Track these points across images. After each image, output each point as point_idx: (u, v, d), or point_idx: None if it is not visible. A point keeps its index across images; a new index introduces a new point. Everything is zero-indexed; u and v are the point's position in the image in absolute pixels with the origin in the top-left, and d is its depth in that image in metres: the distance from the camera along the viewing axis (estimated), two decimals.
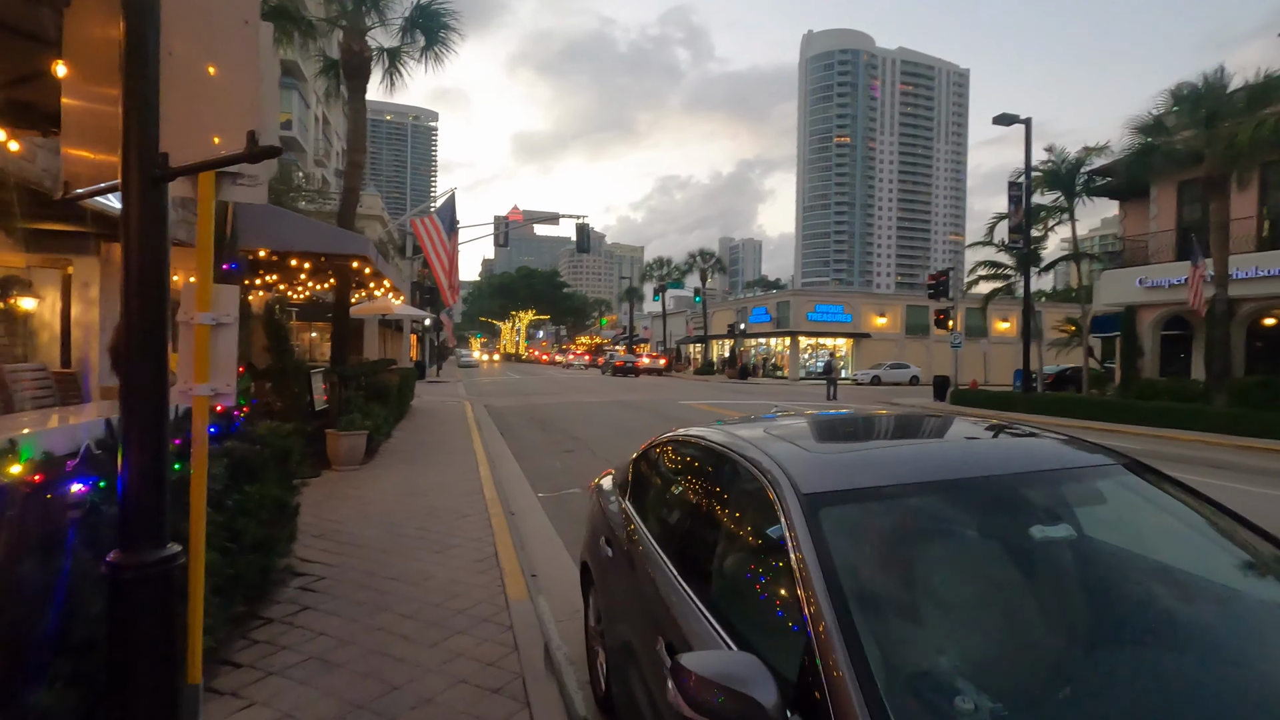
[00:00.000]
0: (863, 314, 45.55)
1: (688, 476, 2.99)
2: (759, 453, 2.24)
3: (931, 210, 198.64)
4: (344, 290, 10.88)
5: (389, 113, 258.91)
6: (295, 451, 4.86)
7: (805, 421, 3.07)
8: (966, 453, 2.41)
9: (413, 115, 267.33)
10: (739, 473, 2.31)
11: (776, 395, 28.47)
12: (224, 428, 4.24)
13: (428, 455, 10.45)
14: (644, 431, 14.25)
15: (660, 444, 3.38)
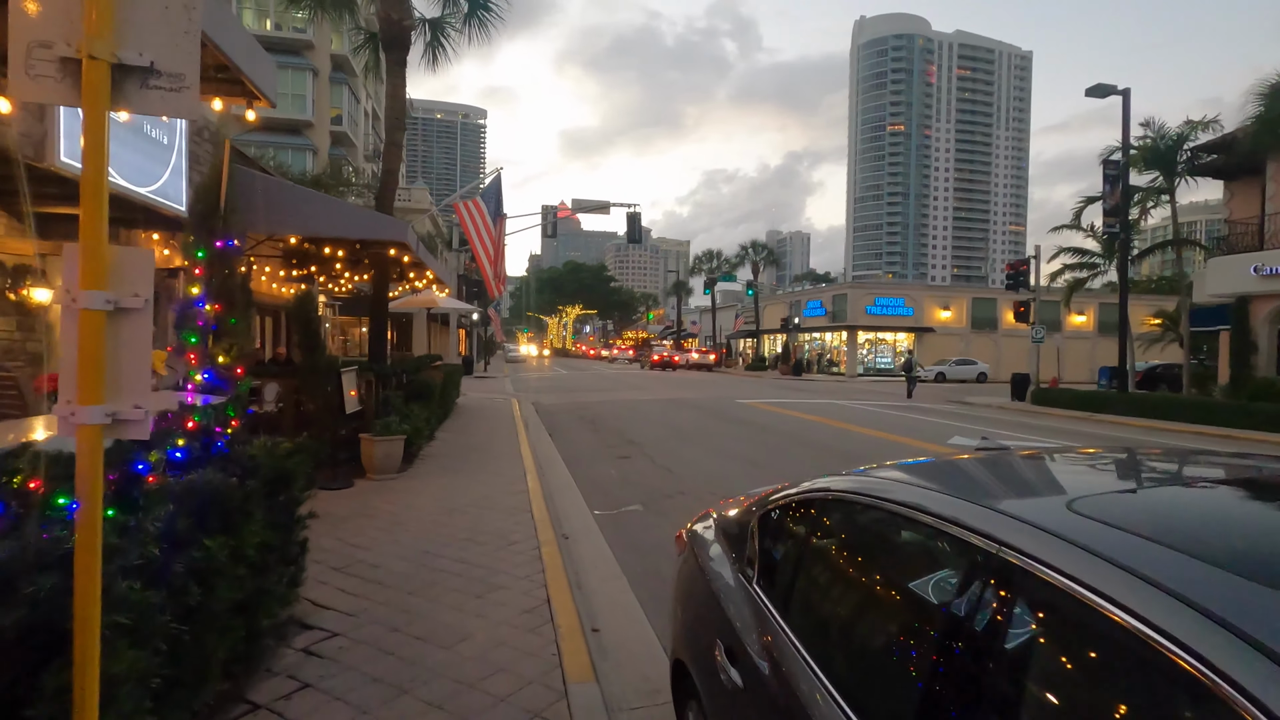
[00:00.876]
0: (925, 307, 43.26)
1: (880, 563, 1.82)
2: (1111, 569, 1.06)
3: (990, 200, 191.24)
4: (382, 281, 10.03)
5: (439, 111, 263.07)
6: (300, 475, 3.87)
7: (1065, 470, 1.86)
8: None
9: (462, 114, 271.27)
10: (1031, 584, 1.16)
11: (837, 393, 26.88)
12: (198, 450, 3.26)
13: (471, 461, 9.51)
14: (703, 434, 13.07)
15: (805, 500, 2.22)
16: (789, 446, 11.82)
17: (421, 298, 15.97)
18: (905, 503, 1.64)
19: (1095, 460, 2.18)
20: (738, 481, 8.73)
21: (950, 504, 1.50)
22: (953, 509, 1.47)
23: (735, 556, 2.40)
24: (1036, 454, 2.14)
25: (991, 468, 1.92)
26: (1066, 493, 1.63)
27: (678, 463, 10.15)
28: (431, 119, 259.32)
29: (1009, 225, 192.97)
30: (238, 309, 4.24)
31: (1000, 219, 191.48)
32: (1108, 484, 1.84)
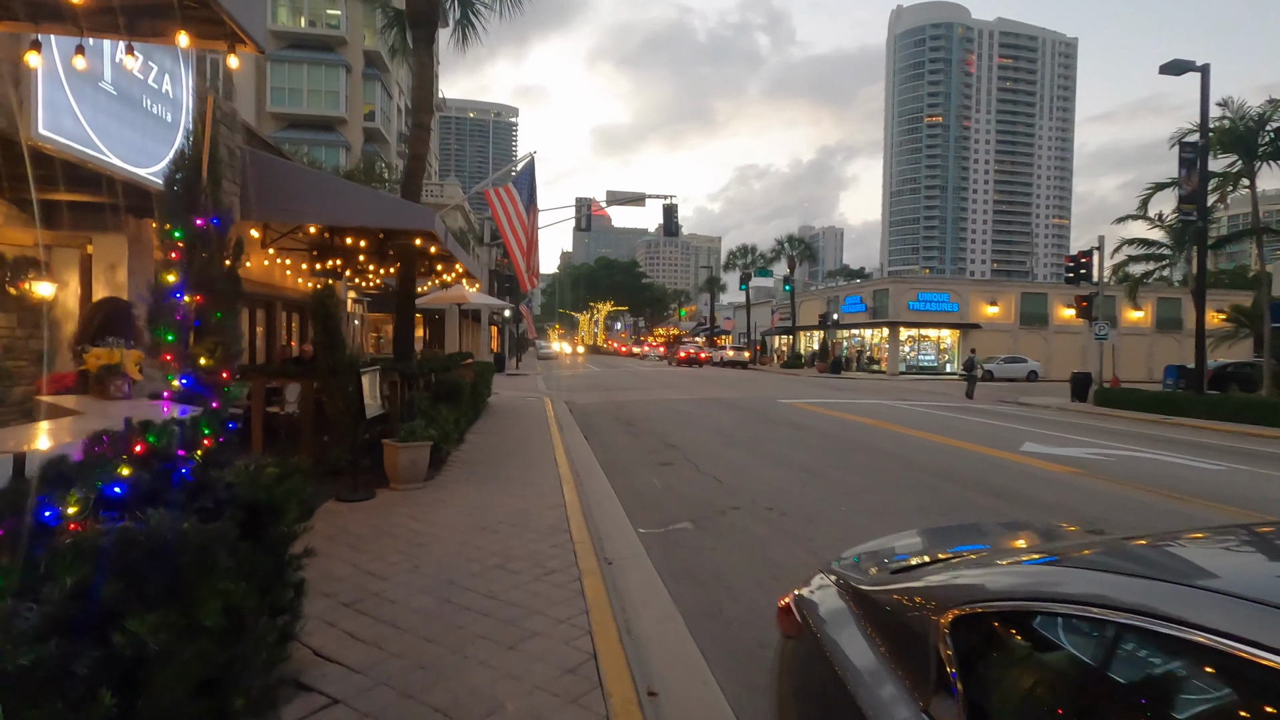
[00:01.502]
0: (971, 302, 41.55)
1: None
2: None
3: (1033, 192, 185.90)
4: (408, 275, 9.36)
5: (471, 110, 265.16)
6: (291, 506, 3.13)
7: None
8: None
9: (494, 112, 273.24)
10: None
11: (881, 392, 25.69)
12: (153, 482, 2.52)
13: (503, 468, 8.79)
14: (748, 438, 12.18)
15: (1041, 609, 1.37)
16: (846, 453, 10.88)
17: (452, 293, 15.36)
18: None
19: None
20: (796, 494, 7.86)
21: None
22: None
23: (907, 673, 1.56)
24: None
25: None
26: None
27: (725, 470, 9.30)
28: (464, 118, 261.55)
29: (1052, 219, 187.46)
30: (223, 301, 3.52)
31: (1043, 212, 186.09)
32: None
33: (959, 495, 7.99)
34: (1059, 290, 43.14)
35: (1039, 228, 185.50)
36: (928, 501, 7.68)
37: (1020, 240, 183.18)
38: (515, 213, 10.33)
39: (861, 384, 32.23)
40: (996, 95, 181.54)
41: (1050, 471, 9.56)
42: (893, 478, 8.93)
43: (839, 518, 6.94)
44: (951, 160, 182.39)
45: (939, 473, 9.28)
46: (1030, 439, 12.78)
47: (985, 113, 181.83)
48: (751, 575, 5.31)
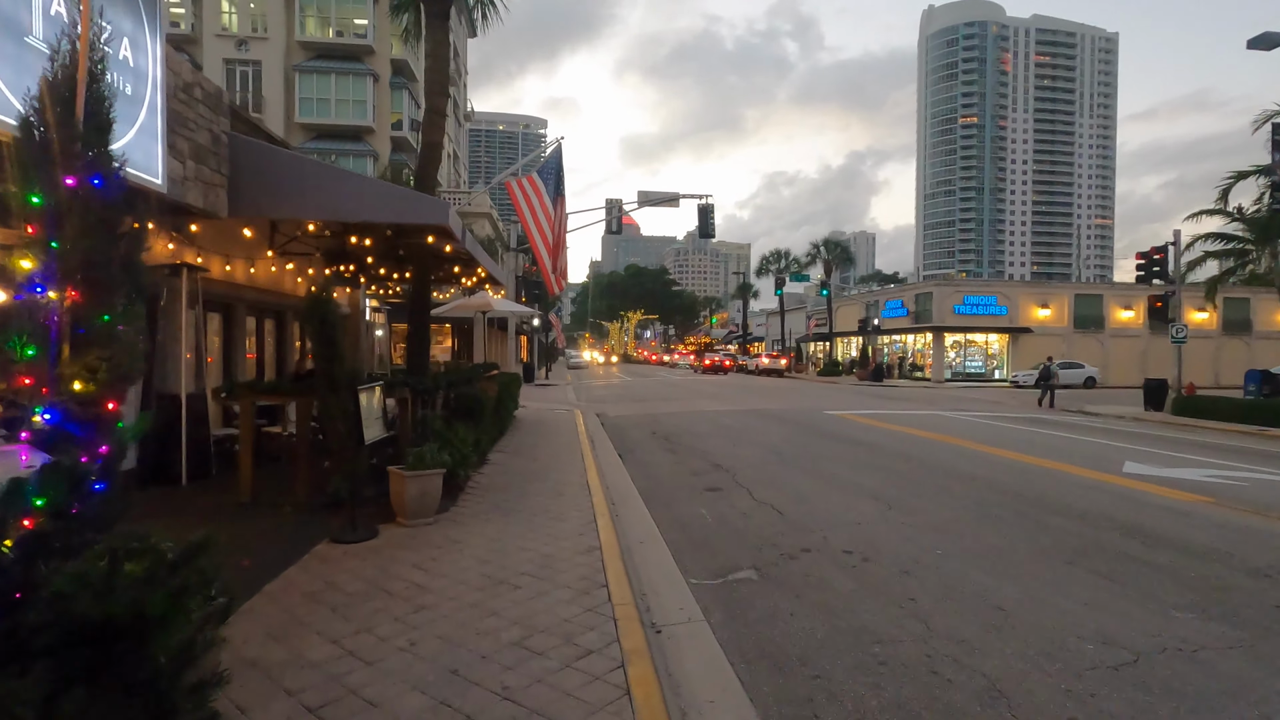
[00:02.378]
0: (1021, 305, 39.46)
1: None
2: None
3: (1074, 193, 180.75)
4: (422, 278, 8.33)
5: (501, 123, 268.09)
6: (176, 621, 1.98)
7: None
8: None
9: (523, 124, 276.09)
10: None
11: (933, 402, 24.06)
12: None
13: (528, 495, 7.65)
14: (803, 456, 10.85)
15: None
16: (921, 475, 9.52)
17: (475, 300, 14.38)
18: None
19: None
20: (876, 531, 6.56)
21: None
22: None
23: None
24: None
25: None
26: None
27: (785, 498, 8.03)
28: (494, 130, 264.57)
29: (1095, 219, 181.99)
30: (112, 297, 2.43)
31: (1085, 212, 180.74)
32: None
33: (1080, 534, 6.60)
34: (1115, 291, 40.81)
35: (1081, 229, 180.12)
36: (1044, 542, 6.32)
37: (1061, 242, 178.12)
38: (540, 205, 9.22)
39: (907, 393, 30.54)
40: (1034, 94, 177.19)
41: (1176, 500, 8.08)
42: (986, 508, 7.56)
43: (939, 565, 5.63)
44: (987, 161, 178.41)
45: (1040, 502, 7.88)
46: (1128, 457, 11.24)
47: (1022, 112, 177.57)
48: (847, 654, 4.06)
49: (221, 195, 6.68)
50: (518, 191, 9.40)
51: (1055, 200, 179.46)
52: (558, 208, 9.73)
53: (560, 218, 9.92)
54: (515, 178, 9.57)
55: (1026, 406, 22.79)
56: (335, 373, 6.45)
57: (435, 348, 33.72)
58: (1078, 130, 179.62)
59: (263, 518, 6.41)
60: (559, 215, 9.83)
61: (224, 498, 6.96)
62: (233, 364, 10.01)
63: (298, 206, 7.07)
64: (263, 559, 5.28)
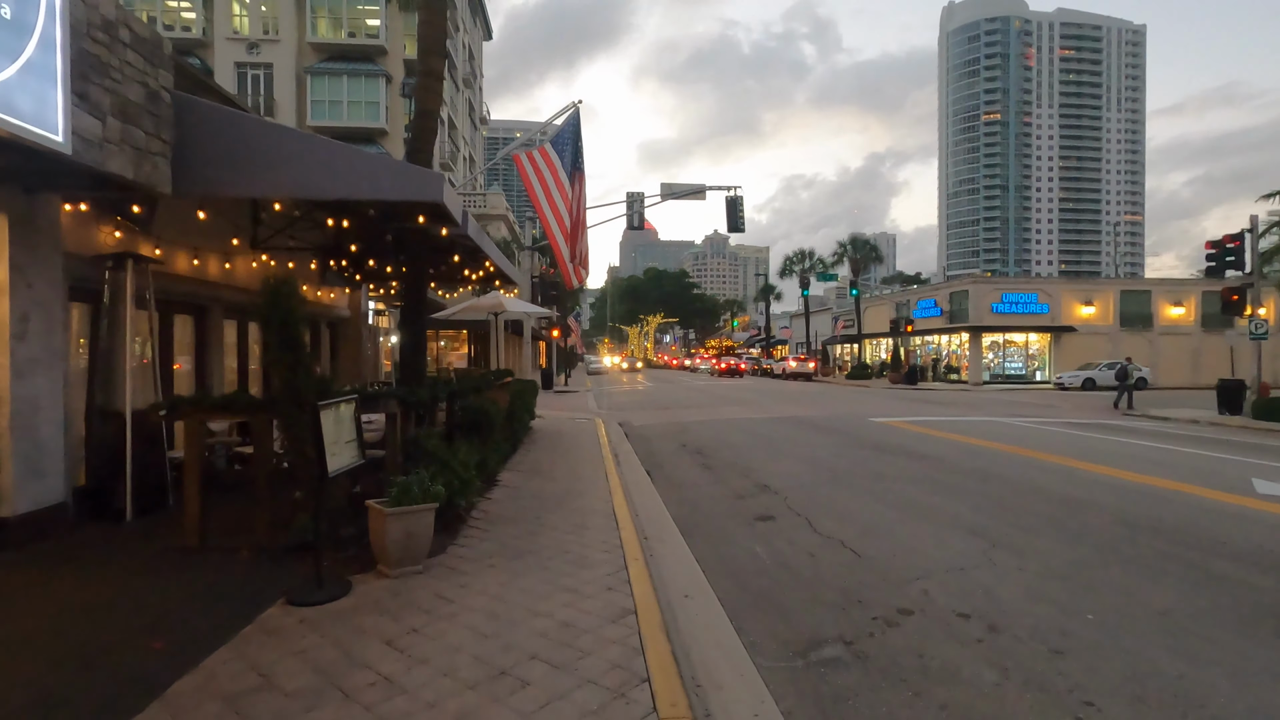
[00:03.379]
0: (1063, 303, 37.43)
1: None
2: None
3: (1102, 189, 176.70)
4: (415, 271, 7.01)
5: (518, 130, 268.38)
6: None
7: None
8: None
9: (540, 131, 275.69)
10: None
11: (980, 406, 22.36)
12: None
13: (542, 531, 6.29)
14: (861, 473, 9.28)
15: None
16: (1010, 498, 8.01)
17: (486, 301, 13.08)
18: None
19: None
20: (988, 582, 5.08)
21: None
22: None
23: None
24: None
25: None
26: None
27: (854, 530, 6.59)
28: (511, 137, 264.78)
29: (1124, 215, 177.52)
30: None
31: (1113, 209, 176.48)
32: None
33: (1258, 585, 5.08)
34: (1165, 287, 38.61)
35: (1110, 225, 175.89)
36: (1218, 597, 4.82)
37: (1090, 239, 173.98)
38: (555, 181, 7.86)
39: (946, 396, 28.78)
40: (1059, 89, 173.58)
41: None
42: (1118, 548, 6.04)
43: (1100, 640, 4.16)
44: (1012, 158, 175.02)
45: (1187, 538, 6.33)
46: (1249, 473, 9.60)
47: (1047, 107, 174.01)
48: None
49: (162, 167, 5.42)
50: (528, 166, 8.01)
51: (1083, 197, 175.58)
52: (576, 184, 8.32)
53: (579, 196, 8.50)
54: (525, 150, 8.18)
55: (1083, 410, 21.02)
56: (300, 384, 5.15)
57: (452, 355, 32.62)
58: (1105, 124, 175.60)
59: (209, 568, 5.11)
60: (577, 194, 8.41)
61: (171, 540, 5.67)
62: (209, 374, 8.79)
63: (259, 182, 5.80)
64: (187, 634, 3.97)
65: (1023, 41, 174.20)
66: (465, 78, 52.57)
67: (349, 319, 13.34)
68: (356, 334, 13.35)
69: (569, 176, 8.11)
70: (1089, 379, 32.71)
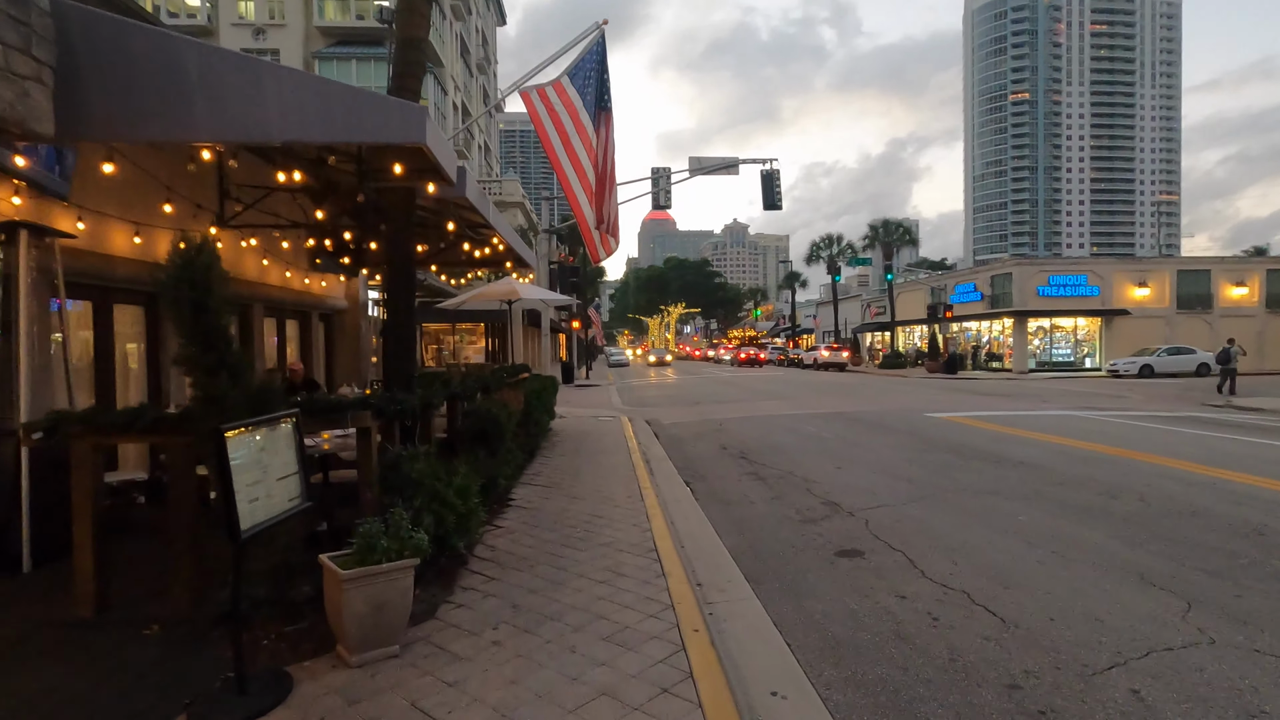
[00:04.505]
0: (1115, 285, 35.08)
1: None
2: None
3: (1135, 169, 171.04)
4: (398, 240, 5.49)
5: None
6: None
7: None
8: None
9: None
10: None
11: (1039, 397, 20.45)
12: None
13: (565, 582, 4.75)
14: (948, 485, 7.35)
15: None
16: (1159, 522, 6.31)
17: (498, 287, 11.58)
18: None
19: None
20: (1203, 659, 3.41)
21: None
22: None
23: None
24: None
25: None
26: None
27: (979, 575, 4.97)
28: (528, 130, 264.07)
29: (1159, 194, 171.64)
30: None
31: (1147, 189, 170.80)
32: None
33: None
34: (1226, 266, 36.10)
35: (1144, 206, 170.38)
36: None
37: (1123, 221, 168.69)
38: (575, 125, 6.18)
39: (994, 385, 26.82)
40: (1090, 65, 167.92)
41: None
42: None
43: None
44: (1041, 139, 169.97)
45: None
46: None
47: (1078, 85, 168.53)
48: None
49: (36, 96, 3.92)
50: (539, 106, 6.31)
51: (1115, 177, 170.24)
52: (601, 128, 6.63)
53: (606, 144, 6.79)
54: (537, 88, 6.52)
55: (1159, 400, 19.04)
56: (222, 395, 3.65)
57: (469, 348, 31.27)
58: (1139, 102, 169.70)
59: (99, 653, 3.65)
60: (604, 140, 6.71)
61: (63, 607, 4.22)
62: (165, 378, 7.36)
63: (182, 122, 4.29)
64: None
65: (1051, 17, 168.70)
66: (479, 63, 51.11)
67: (346, 311, 11.92)
68: (355, 327, 11.93)
69: (592, 117, 6.44)
70: (1146, 365, 30.51)
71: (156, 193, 6.91)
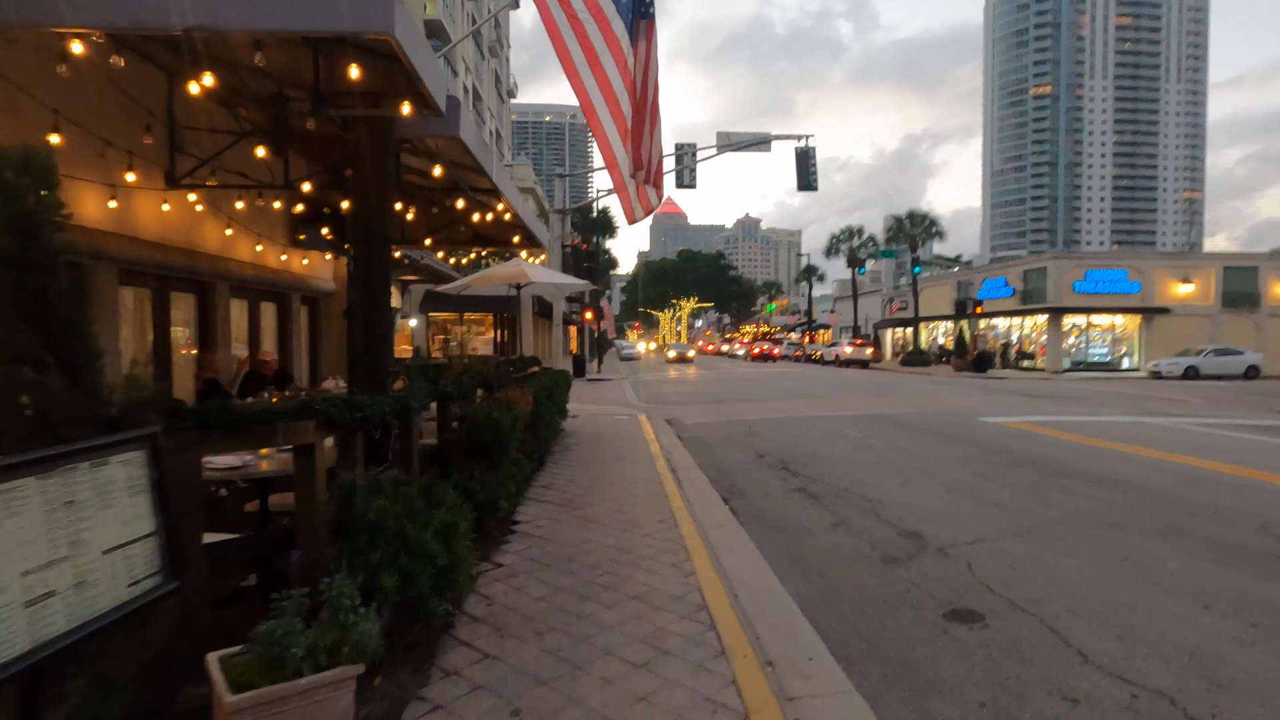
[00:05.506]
0: (1156, 281, 33.28)
1: None
2: None
3: (1159, 165, 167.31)
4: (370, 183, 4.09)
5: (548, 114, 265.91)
6: None
7: None
8: None
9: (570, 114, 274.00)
10: None
11: (1100, 401, 18.88)
12: None
13: (586, 667, 3.37)
14: (1048, 513, 5.93)
15: None
16: None
17: (505, 269, 10.18)
18: None
19: None
20: None
21: None
22: None
23: None
24: None
25: None
26: None
27: (1166, 663, 3.55)
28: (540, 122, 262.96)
29: (1183, 192, 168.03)
30: None
31: (1171, 186, 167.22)
32: None
33: None
34: (1276, 264, 34.21)
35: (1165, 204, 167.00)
36: None
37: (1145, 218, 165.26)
38: (605, 39, 4.68)
39: (1031, 386, 25.23)
40: (1114, 59, 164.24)
41: None
42: None
43: None
44: (1062, 133, 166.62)
45: None
46: None
47: (1101, 79, 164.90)
48: None
49: None
50: (557, 11, 4.79)
51: (1138, 174, 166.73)
52: (641, 42, 5.08)
53: (646, 64, 5.23)
54: None
55: (1218, 405, 17.44)
56: (53, 400, 2.26)
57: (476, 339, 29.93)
58: (1163, 97, 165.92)
59: None
60: (644, 59, 5.13)
61: None
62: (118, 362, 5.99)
63: None
64: None
65: (1075, 9, 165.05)
66: (491, 45, 49.64)
67: (334, 294, 10.57)
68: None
69: (629, 27, 4.91)
70: (1191, 367, 28.79)
71: (89, 145, 5.56)
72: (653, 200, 6.12)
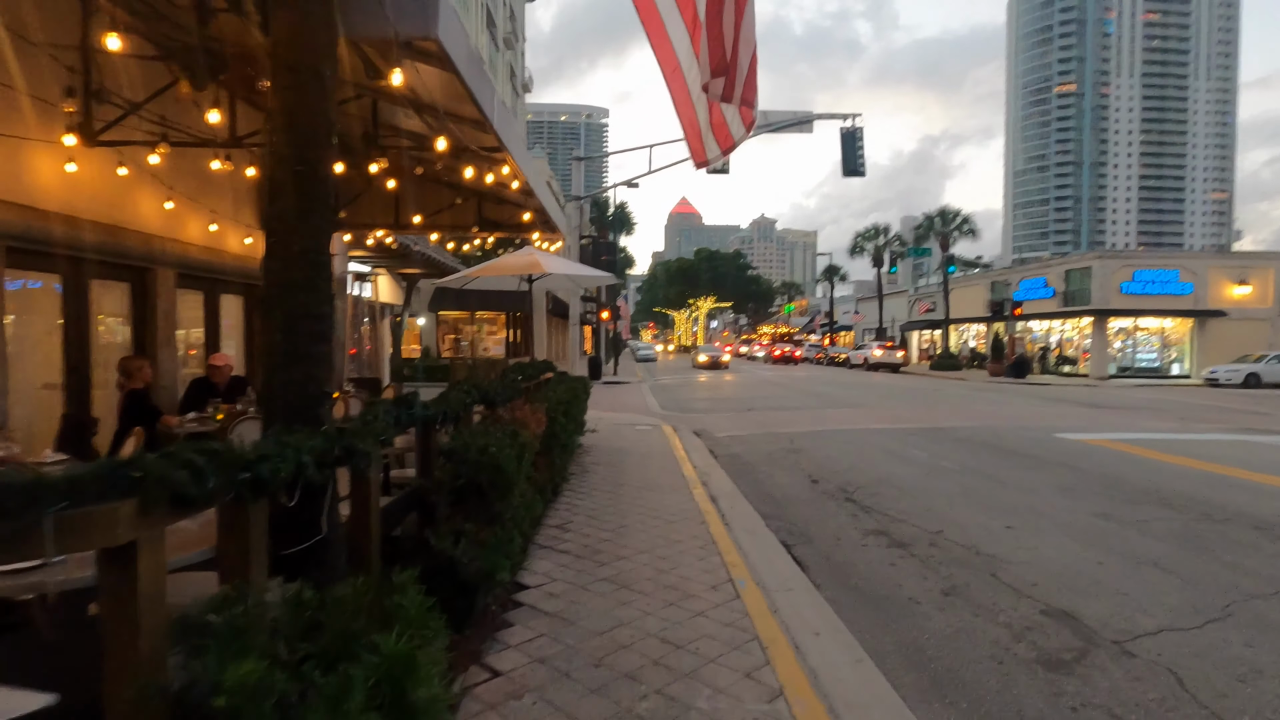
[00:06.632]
0: (1210, 282, 31.22)
1: None
2: None
3: (1187, 165, 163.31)
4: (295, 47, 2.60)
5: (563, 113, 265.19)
6: None
7: None
8: None
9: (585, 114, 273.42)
10: None
11: (1172, 412, 17.07)
12: None
13: None
14: (1220, 575, 4.46)
15: None
16: None
17: (518, 259, 8.68)
18: None
19: None
20: None
21: None
22: None
23: None
24: None
25: None
26: None
27: None
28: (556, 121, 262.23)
29: (1211, 193, 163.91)
30: None
31: (1199, 186, 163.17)
32: None
33: None
34: None
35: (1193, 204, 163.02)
36: None
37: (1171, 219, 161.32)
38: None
39: (1081, 393, 23.40)
40: (1141, 57, 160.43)
41: None
42: None
43: None
44: (1087, 132, 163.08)
45: None
46: None
47: (1128, 77, 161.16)
48: None
49: None
50: None
51: (1165, 174, 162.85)
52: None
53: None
54: None
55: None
56: None
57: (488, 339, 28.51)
58: (1192, 96, 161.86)
59: None
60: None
61: None
62: None
63: None
64: None
65: (1101, 5, 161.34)
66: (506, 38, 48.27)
67: None
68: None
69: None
70: (1252, 374, 26.77)
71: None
72: (735, 128, 4.33)
